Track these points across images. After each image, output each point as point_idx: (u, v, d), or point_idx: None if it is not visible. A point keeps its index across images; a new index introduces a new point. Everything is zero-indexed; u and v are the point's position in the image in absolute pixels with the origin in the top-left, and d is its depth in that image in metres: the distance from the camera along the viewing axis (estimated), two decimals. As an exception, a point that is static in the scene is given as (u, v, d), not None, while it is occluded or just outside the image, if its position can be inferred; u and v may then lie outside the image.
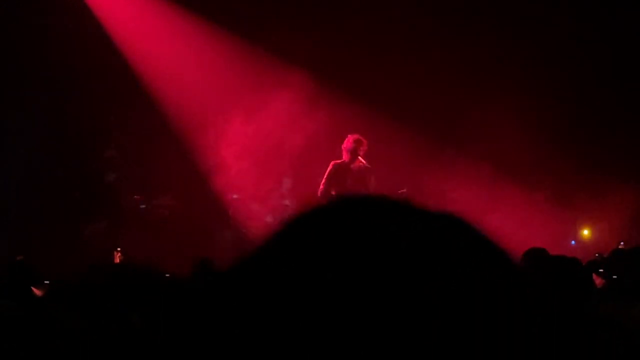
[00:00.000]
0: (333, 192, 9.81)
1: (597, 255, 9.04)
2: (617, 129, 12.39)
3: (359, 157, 9.87)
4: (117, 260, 8.86)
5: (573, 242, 12.54)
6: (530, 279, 0.81)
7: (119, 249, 9.29)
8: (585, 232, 12.66)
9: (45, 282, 4.52)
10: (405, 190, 10.12)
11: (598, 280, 5.33)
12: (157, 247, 10.61)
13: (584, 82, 12.40)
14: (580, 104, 12.34)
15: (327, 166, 9.99)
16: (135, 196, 12.21)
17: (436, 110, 12.16)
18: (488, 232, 0.83)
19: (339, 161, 9.93)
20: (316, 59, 11.90)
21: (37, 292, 4.29)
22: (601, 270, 5.42)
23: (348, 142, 9.93)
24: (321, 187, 9.91)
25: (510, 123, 11.72)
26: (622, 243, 9.39)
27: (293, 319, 0.73)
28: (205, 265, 5.52)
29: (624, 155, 12.06)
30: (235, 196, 12.35)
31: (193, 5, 12.27)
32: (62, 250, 10.43)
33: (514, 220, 11.54)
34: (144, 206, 12.28)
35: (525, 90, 11.90)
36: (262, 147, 12.02)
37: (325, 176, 9.90)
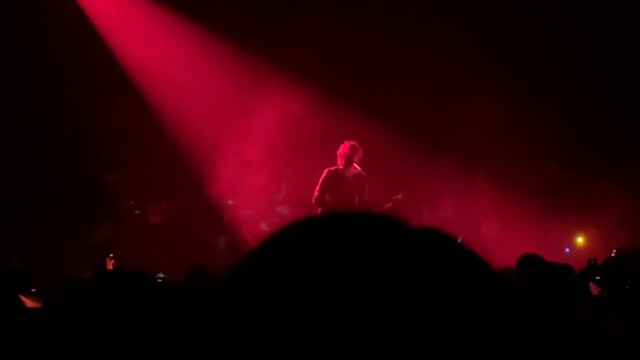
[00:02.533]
0: (328, 199, 9.81)
1: (591, 261, 9.03)
2: (611, 136, 12.42)
3: (354, 164, 9.87)
4: (110, 266, 8.84)
5: (567, 249, 12.55)
6: (517, 290, 0.81)
7: (111, 255, 9.27)
8: (580, 240, 12.66)
9: (32, 290, 4.50)
10: (400, 196, 10.12)
11: (594, 289, 5.32)
12: (151, 253, 10.59)
13: (577, 90, 12.43)
14: (573, 111, 12.37)
15: (322, 173, 9.99)
16: (130, 202, 12.19)
17: (431, 118, 12.18)
18: (470, 245, 0.83)
19: (333, 168, 9.93)
20: (312, 66, 11.91)
21: (25, 300, 4.26)
22: (597, 277, 5.41)
23: (343, 148, 9.93)
24: (316, 193, 9.90)
25: (504, 131, 11.75)
26: (614, 251, 9.39)
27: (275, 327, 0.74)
28: (199, 272, 5.50)
29: (617, 161, 12.08)
30: (230, 202, 12.34)
31: (190, 11, 12.28)
32: (56, 254, 10.41)
33: (508, 228, 11.56)
34: (138, 211, 12.27)
35: (518, 99, 11.93)
36: (257, 153, 12.01)
37: (319, 183, 9.89)
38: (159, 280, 8.69)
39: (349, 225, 0.80)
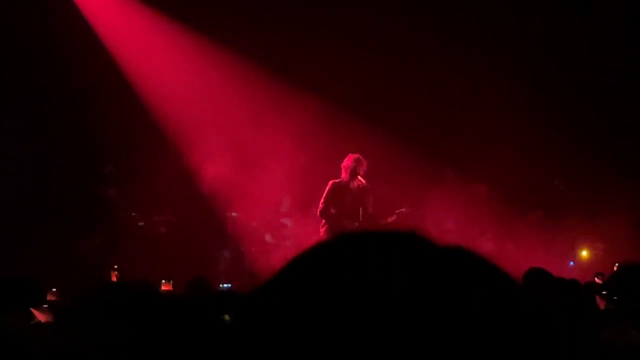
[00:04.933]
0: (332, 211, 9.81)
1: (596, 275, 9.01)
2: (612, 149, 12.41)
3: (359, 177, 9.87)
4: (114, 278, 8.85)
5: (571, 263, 12.52)
6: (535, 303, 0.82)
7: (115, 266, 9.28)
8: (584, 253, 12.63)
9: (44, 305, 4.49)
10: (404, 209, 10.11)
11: (601, 303, 5.32)
12: (155, 265, 10.59)
13: (579, 104, 12.44)
14: (575, 125, 12.36)
15: (327, 185, 9.99)
16: (134, 213, 12.21)
17: (436, 130, 12.20)
18: (492, 260, 0.84)
19: (337, 180, 9.93)
20: (318, 79, 11.93)
21: (36, 313, 4.26)
22: (604, 292, 5.41)
23: (348, 161, 9.93)
24: (320, 206, 9.90)
25: (506, 144, 11.76)
26: (616, 264, 9.36)
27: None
28: (200, 284, 5.50)
29: (623, 174, 12.06)
30: (234, 214, 12.34)
31: (195, 23, 12.31)
32: (59, 265, 10.42)
33: (510, 242, 11.54)
34: (142, 223, 12.28)
35: (520, 112, 11.94)
36: (261, 166, 12.02)
37: (324, 195, 9.89)
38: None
39: (378, 244, 0.80)
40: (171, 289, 8.38)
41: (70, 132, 12.00)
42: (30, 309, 4.19)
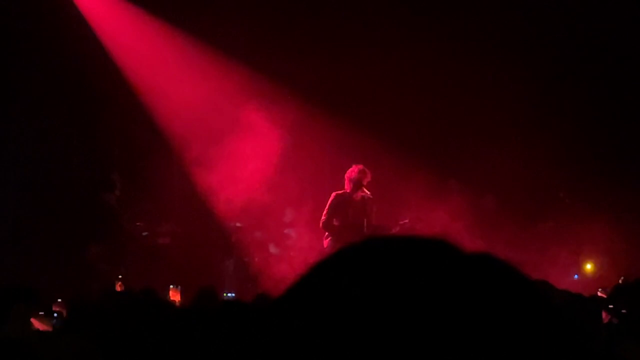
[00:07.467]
0: (335, 223, 9.81)
1: (600, 289, 9.01)
2: (618, 163, 12.40)
3: (363, 188, 9.87)
4: (119, 288, 8.86)
5: (576, 276, 12.49)
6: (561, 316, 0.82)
7: (120, 276, 9.29)
8: (589, 267, 12.60)
9: (40, 312, 4.50)
10: (407, 220, 10.12)
11: (605, 316, 5.31)
12: (159, 275, 10.59)
13: (586, 116, 12.44)
14: (583, 137, 12.36)
15: (330, 196, 9.99)
16: (138, 223, 12.22)
17: (440, 142, 12.21)
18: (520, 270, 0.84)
19: (340, 192, 9.93)
20: (321, 90, 11.95)
21: (36, 323, 4.26)
22: (611, 306, 5.40)
23: (352, 172, 9.93)
24: (323, 217, 9.90)
25: (513, 155, 11.76)
26: (622, 278, 9.35)
27: None
28: (208, 294, 5.51)
29: (625, 187, 12.05)
30: (238, 224, 12.35)
31: (203, 33, 12.35)
32: (63, 275, 10.43)
33: (515, 254, 11.52)
34: (146, 233, 12.28)
35: (527, 122, 11.95)
36: (265, 176, 12.03)
37: (327, 207, 9.89)
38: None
39: (406, 250, 0.80)
40: (179, 296, 8.38)
41: (75, 141, 12.03)
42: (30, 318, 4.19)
